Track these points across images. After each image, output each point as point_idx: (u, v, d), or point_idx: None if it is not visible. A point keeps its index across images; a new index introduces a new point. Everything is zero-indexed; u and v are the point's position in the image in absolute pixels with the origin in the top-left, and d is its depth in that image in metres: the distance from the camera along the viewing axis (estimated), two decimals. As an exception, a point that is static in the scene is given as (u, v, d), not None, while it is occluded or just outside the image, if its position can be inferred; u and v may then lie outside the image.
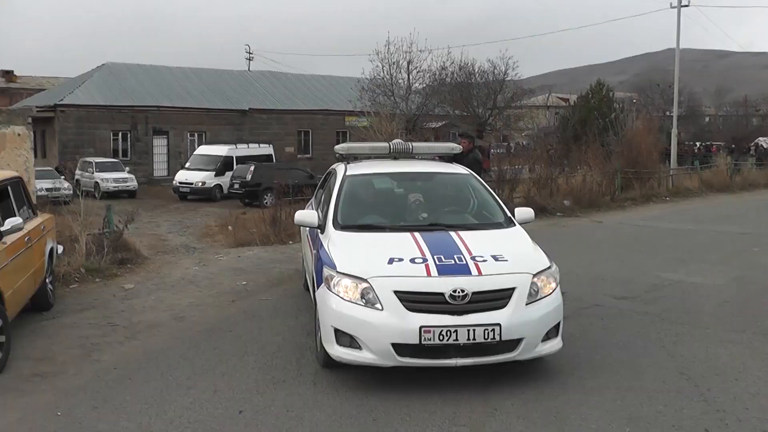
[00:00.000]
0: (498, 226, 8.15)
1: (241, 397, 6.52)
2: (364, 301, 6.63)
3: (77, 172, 36.61)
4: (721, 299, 10.36)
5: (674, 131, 37.82)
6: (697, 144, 58.00)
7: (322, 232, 7.91)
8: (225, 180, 33.97)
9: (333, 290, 6.79)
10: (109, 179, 34.80)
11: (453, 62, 43.70)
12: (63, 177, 31.50)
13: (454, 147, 10.05)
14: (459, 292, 6.50)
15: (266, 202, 27.55)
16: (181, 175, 35.36)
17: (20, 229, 8.30)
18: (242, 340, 8.30)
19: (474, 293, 6.54)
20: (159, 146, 43.31)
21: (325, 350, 6.92)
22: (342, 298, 6.72)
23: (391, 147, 9.49)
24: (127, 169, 37.23)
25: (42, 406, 6.44)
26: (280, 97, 49.79)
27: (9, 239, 8.10)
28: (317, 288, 7.24)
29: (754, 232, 17.49)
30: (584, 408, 6.24)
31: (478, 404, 6.35)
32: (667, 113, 53.87)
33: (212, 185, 34.15)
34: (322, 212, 8.53)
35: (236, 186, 31.08)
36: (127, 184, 35.33)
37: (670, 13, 40.31)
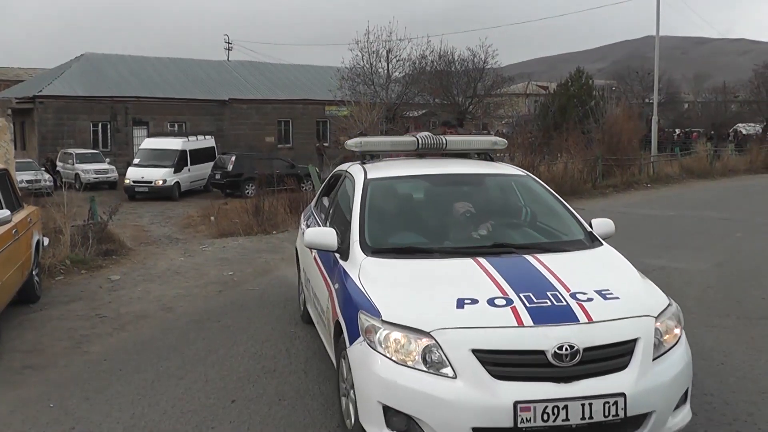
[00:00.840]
0: (580, 245, 6.29)
1: (233, 386, 6.54)
2: (426, 364, 4.66)
3: (58, 163, 36.47)
4: (705, 284, 10.45)
5: (654, 118, 37.91)
6: (677, 131, 58.31)
7: (345, 259, 5.96)
8: (183, 177, 32.16)
9: (379, 348, 4.83)
10: (89, 170, 34.61)
11: (433, 51, 43.73)
12: (44, 169, 31.45)
13: (497, 141, 7.94)
14: (566, 349, 4.59)
15: (248, 193, 27.54)
16: (135, 173, 31.41)
17: (8, 221, 8.28)
18: (231, 330, 8.32)
19: (586, 349, 4.63)
20: (139, 137, 42.99)
21: None
22: (393, 361, 4.74)
23: (419, 141, 7.47)
24: (108, 160, 37.05)
25: (34, 398, 6.44)
26: (259, 87, 49.64)
27: None
28: (349, 342, 5.15)
29: (736, 218, 17.62)
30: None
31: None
32: (647, 100, 54.14)
33: (172, 183, 31.26)
34: (338, 229, 6.42)
35: (217, 176, 31.00)
36: (108, 175, 35.15)
37: (649, 0, 40.45)
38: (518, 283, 5.16)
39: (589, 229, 6.54)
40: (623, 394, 4.54)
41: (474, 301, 4.92)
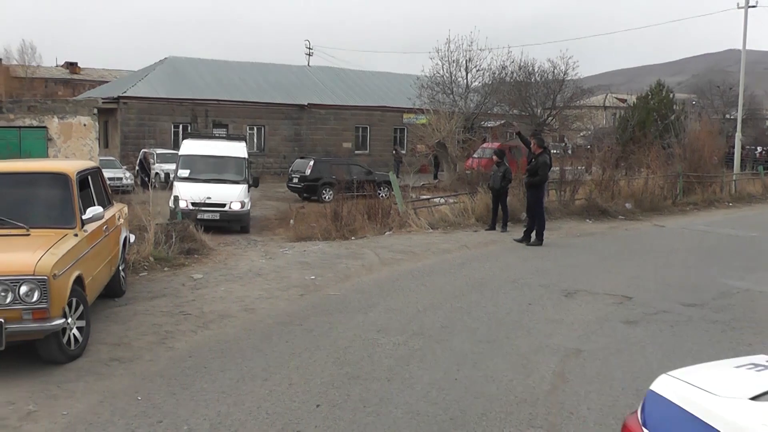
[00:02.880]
0: None
1: (317, 390, 6.53)
2: None
3: (138, 162, 37.16)
4: (793, 309, 10.13)
5: (738, 135, 37.04)
6: (758, 148, 56.76)
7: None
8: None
9: None
10: (169, 170, 35.18)
11: (513, 61, 43.36)
12: (137, 168, 32.06)
13: None
14: None
15: (325, 197, 27.68)
16: (193, 191, 19.46)
17: (101, 218, 8.52)
18: (313, 334, 8.32)
19: None
20: (218, 139, 43.73)
21: None
22: None
23: None
24: (187, 160, 37.58)
25: (121, 390, 6.55)
26: (338, 92, 49.91)
27: (90, 227, 8.33)
28: None
29: (823, 241, 17.08)
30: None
31: (554, 407, 6.29)
32: (727, 116, 52.85)
33: (249, 207, 20.56)
34: None
35: (295, 180, 31.18)
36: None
37: (732, 14, 39.53)
38: None
39: None
40: None
41: None
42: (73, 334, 7.41)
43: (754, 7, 39.34)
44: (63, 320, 7.01)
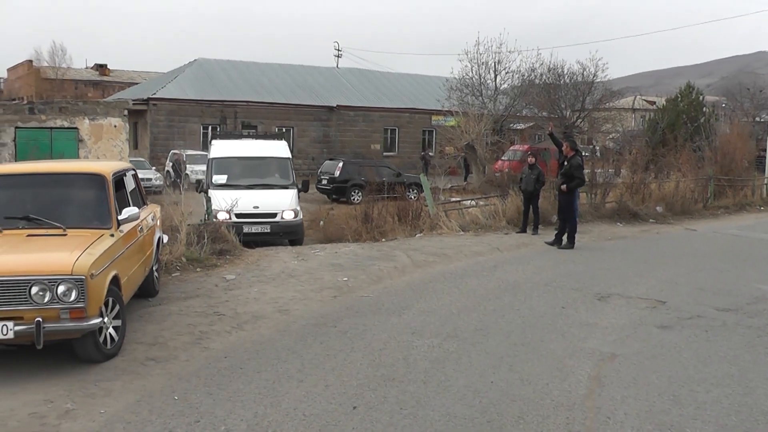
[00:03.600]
0: None
1: (353, 392, 6.52)
2: None
3: (167, 163, 37.42)
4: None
5: (770, 137, 36.63)
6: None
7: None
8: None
9: None
10: (198, 171, 35.29)
11: (542, 63, 43.26)
12: (171, 168, 32.21)
13: None
14: None
15: (354, 199, 27.73)
16: (238, 200, 15.83)
17: (137, 218, 8.60)
18: (348, 336, 8.32)
19: None
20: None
21: None
22: None
23: None
24: (216, 161, 37.77)
25: (158, 390, 6.58)
26: (367, 94, 49.99)
27: (125, 228, 8.42)
28: None
29: None
30: (699, 422, 6.06)
31: (591, 411, 6.24)
32: (757, 118, 52.30)
33: (301, 218, 18.06)
34: None
35: (324, 182, 31.26)
36: (217, 176, 35.84)
37: (763, 15, 39.19)
38: None
39: None
40: None
41: None
42: (110, 333, 7.47)
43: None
44: (99, 320, 7.09)
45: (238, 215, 15.98)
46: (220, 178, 17.67)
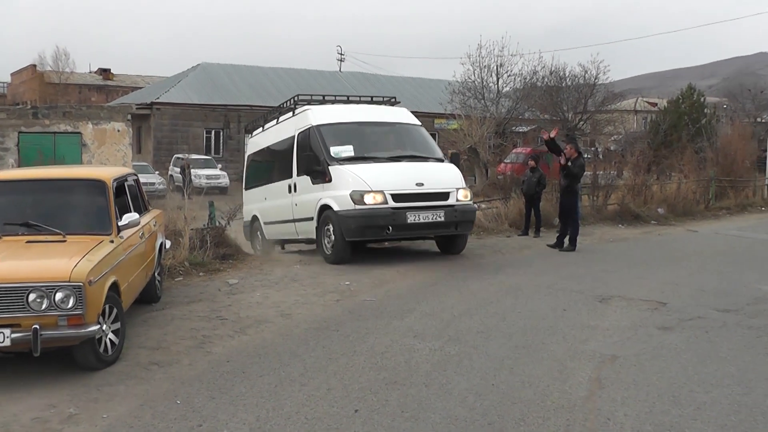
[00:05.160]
0: None
1: (356, 396, 6.55)
2: None
3: (171, 168, 37.51)
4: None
5: (771, 138, 36.61)
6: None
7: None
8: None
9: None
10: (201, 176, 35.47)
11: (544, 66, 43.31)
12: (180, 171, 32.20)
13: None
14: None
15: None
16: (378, 178, 12.49)
17: (137, 224, 8.61)
18: (350, 340, 8.35)
19: None
20: (251, 144, 44.03)
21: None
22: None
23: None
24: (219, 166, 37.92)
25: (161, 394, 6.62)
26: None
27: (126, 234, 8.38)
28: None
29: None
30: (698, 422, 6.08)
31: (592, 413, 6.26)
32: (759, 119, 52.27)
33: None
34: None
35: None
36: (220, 180, 35.97)
37: (763, 17, 39.23)
38: None
39: None
40: None
41: None
42: (109, 340, 7.44)
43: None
44: (98, 326, 7.03)
45: (396, 197, 12.10)
46: (345, 150, 12.86)
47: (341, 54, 66.42)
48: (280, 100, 45.36)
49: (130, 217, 8.44)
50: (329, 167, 12.61)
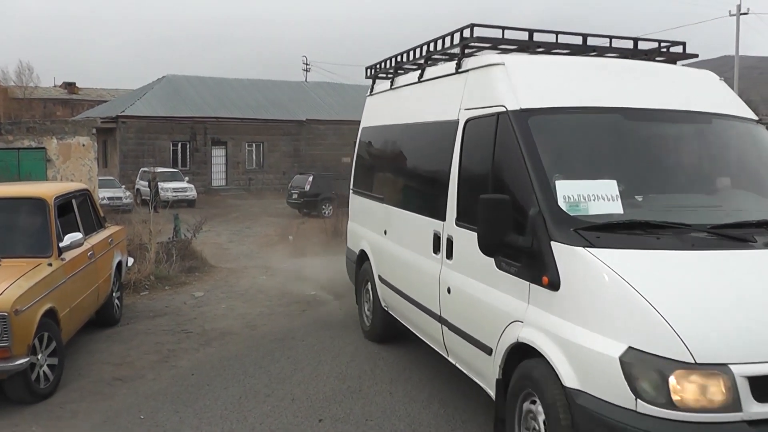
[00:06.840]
0: None
1: (320, 405, 6.55)
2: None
3: (138, 181, 37.21)
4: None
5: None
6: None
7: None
8: None
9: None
10: (168, 189, 35.12)
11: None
12: (148, 185, 31.84)
13: None
14: None
15: (325, 213, 27.71)
16: None
17: (80, 244, 8.08)
18: (315, 350, 8.36)
19: None
20: (217, 156, 43.84)
21: None
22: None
23: None
24: (186, 179, 37.71)
25: (125, 410, 6.57)
26: (337, 107, 50.02)
27: (68, 255, 7.84)
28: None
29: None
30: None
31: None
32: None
33: None
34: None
35: (294, 196, 31.19)
36: (187, 193, 35.69)
37: (726, 20, 39.83)
38: None
39: None
40: None
41: None
42: (44, 372, 6.91)
43: (745, 14, 39.73)
44: (27, 359, 6.49)
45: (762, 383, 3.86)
46: (597, 192, 4.72)
47: (307, 64, 66.36)
48: (246, 112, 45.68)
49: (73, 237, 7.87)
50: (553, 245, 4.55)
